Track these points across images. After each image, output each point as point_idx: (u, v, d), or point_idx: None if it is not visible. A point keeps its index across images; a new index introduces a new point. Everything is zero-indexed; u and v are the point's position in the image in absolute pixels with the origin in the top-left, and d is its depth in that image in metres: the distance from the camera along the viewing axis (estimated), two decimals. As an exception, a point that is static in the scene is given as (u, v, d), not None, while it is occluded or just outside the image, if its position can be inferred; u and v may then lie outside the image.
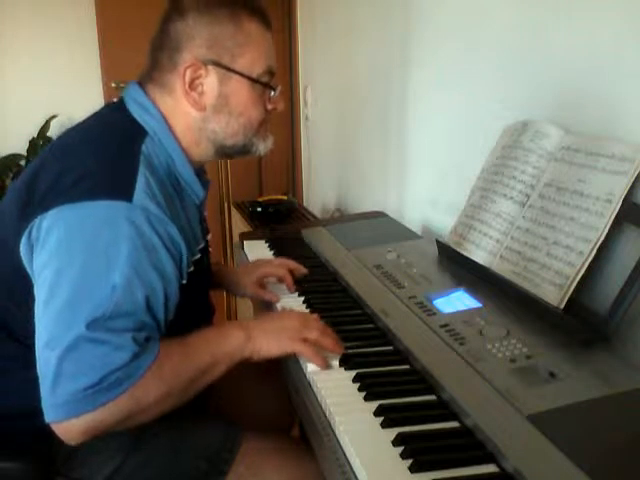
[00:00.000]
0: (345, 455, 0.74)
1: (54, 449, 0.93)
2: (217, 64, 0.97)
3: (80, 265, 0.83)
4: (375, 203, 1.99)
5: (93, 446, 0.94)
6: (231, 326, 0.99)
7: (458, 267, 1.18)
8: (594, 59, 1.05)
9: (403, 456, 0.70)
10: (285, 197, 2.29)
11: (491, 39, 1.34)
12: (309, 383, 0.91)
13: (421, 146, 1.71)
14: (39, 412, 0.84)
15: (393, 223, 1.66)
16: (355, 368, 0.91)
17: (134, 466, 0.95)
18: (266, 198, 2.29)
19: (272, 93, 1.04)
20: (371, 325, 1.07)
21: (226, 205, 2.52)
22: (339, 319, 1.07)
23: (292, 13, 2.80)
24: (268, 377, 1.32)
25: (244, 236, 1.66)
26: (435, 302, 1.05)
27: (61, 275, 0.84)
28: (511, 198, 1.10)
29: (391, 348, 0.98)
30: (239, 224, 2.37)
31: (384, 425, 0.77)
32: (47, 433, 0.86)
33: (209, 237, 1.21)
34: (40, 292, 0.86)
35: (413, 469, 0.68)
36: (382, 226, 1.64)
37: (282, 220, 2.16)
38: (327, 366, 0.93)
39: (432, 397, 0.84)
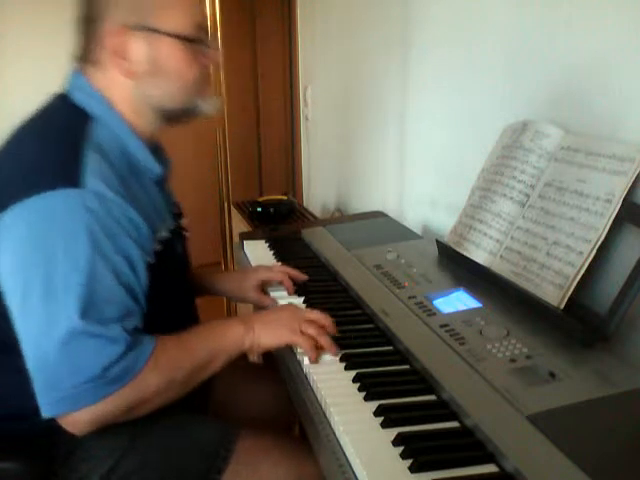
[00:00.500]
0: (345, 455, 0.74)
1: (51, 449, 0.93)
2: (142, 28, 0.94)
3: (44, 261, 0.83)
4: (375, 203, 1.99)
5: (89, 446, 0.94)
6: (230, 320, 1.01)
7: (458, 267, 1.18)
8: (594, 59, 1.05)
9: (403, 456, 0.70)
10: (285, 197, 2.29)
11: (491, 39, 1.34)
12: (309, 383, 0.91)
13: (421, 146, 1.71)
14: (33, 413, 0.84)
15: (393, 223, 1.66)
16: (355, 368, 0.91)
17: (131, 465, 0.95)
18: (266, 198, 2.28)
19: (204, 48, 1.00)
20: (371, 325, 1.07)
21: (226, 205, 2.52)
22: (339, 319, 1.07)
23: (292, 13, 2.80)
24: (267, 376, 1.32)
25: (244, 236, 1.66)
26: (435, 302, 1.05)
27: (29, 274, 0.83)
28: (511, 198, 1.10)
29: (391, 348, 0.99)
30: (239, 224, 2.37)
31: (384, 425, 0.77)
32: (43, 433, 0.86)
33: (183, 222, 1.19)
34: (14, 295, 0.85)
35: (413, 469, 0.68)
36: (382, 226, 1.64)
37: (282, 220, 2.15)
38: (318, 359, 0.95)
39: (432, 397, 0.84)
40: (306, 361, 0.95)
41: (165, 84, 0.99)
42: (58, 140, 0.91)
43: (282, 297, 1.23)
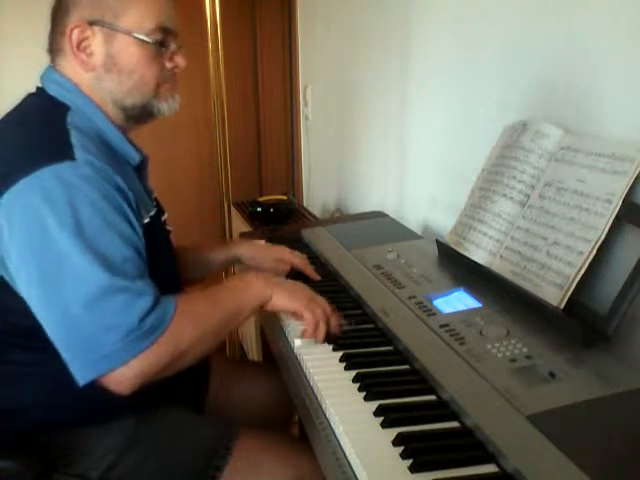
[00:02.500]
0: (345, 455, 0.74)
1: (49, 447, 0.93)
2: (101, 23, 0.98)
3: (56, 230, 0.84)
4: (375, 203, 1.99)
5: (88, 443, 0.94)
6: (251, 275, 1.04)
7: (458, 267, 1.18)
8: (594, 59, 1.05)
9: (403, 456, 0.70)
10: (285, 197, 2.29)
11: (491, 39, 1.34)
12: (309, 383, 0.91)
13: (421, 146, 1.71)
14: (33, 410, 0.84)
15: (393, 223, 1.66)
16: (355, 368, 0.91)
17: (130, 462, 0.96)
18: (266, 198, 2.28)
19: (164, 50, 1.02)
20: (371, 325, 1.07)
21: (226, 205, 2.52)
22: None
23: (292, 13, 2.80)
24: (264, 374, 1.32)
25: (244, 236, 1.66)
26: (435, 302, 1.05)
27: (44, 244, 0.84)
28: (511, 198, 1.10)
29: (391, 348, 0.99)
30: (239, 224, 2.37)
31: (384, 425, 0.77)
32: (41, 431, 0.86)
33: (165, 217, 1.21)
34: (29, 270, 0.86)
35: (413, 469, 0.68)
36: (382, 226, 1.64)
37: (282, 220, 2.15)
38: (316, 340, 0.99)
39: (432, 397, 0.84)
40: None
41: (119, 80, 1.01)
42: (41, 125, 0.94)
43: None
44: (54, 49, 1.02)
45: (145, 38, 0.99)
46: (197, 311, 0.93)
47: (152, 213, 1.05)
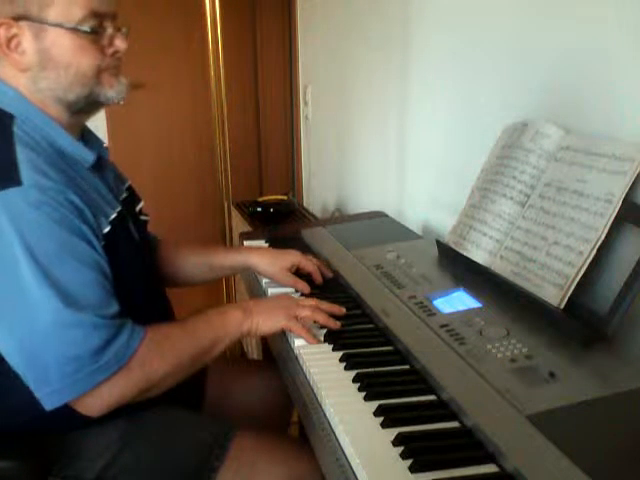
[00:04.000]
0: (345, 455, 0.74)
1: (44, 447, 0.93)
2: (27, 18, 0.91)
3: (5, 264, 0.83)
4: (375, 203, 1.99)
5: (83, 443, 0.94)
6: (229, 306, 1.04)
7: (458, 267, 1.18)
8: (594, 59, 1.04)
9: (403, 456, 0.70)
10: (285, 197, 2.29)
11: (491, 39, 1.34)
12: (309, 383, 0.91)
13: (421, 146, 1.71)
14: (26, 410, 0.84)
15: (393, 223, 1.66)
16: (355, 368, 0.91)
17: (125, 462, 0.96)
18: (266, 198, 2.28)
19: (100, 36, 0.97)
20: (371, 325, 1.07)
21: (226, 205, 2.52)
22: (339, 319, 1.07)
23: (292, 13, 2.80)
24: (262, 372, 1.32)
25: (244, 236, 1.66)
26: (435, 302, 1.05)
27: None
28: (511, 198, 1.10)
29: (391, 348, 0.99)
30: (239, 224, 2.37)
31: (384, 425, 0.77)
32: (36, 431, 0.86)
33: (141, 206, 1.19)
34: None
35: (413, 469, 0.68)
36: (382, 226, 1.64)
37: (282, 220, 2.15)
38: (317, 341, 1.00)
39: (432, 397, 0.84)
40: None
41: (56, 76, 0.96)
42: None
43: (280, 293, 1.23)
44: None
45: (77, 27, 0.93)
46: (170, 342, 0.93)
47: (112, 217, 1.00)
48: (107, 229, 0.96)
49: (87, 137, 1.09)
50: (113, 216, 1.00)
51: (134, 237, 1.09)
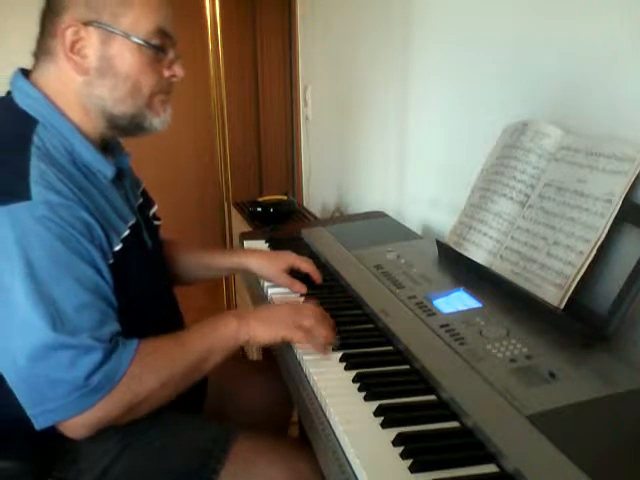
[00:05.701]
0: (345, 455, 0.74)
1: (44, 450, 0.93)
2: (97, 24, 0.92)
3: (7, 276, 0.82)
4: (375, 203, 1.99)
5: (83, 446, 0.94)
6: (224, 315, 1.00)
7: (458, 267, 1.18)
8: (594, 59, 1.05)
9: (403, 456, 0.70)
10: (285, 197, 2.29)
11: (491, 39, 1.34)
12: (309, 383, 0.91)
13: (421, 146, 1.71)
14: (26, 418, 0.84)
15: (393, 223, 1.66)
16: (355, 368, 0.91)
17: (124, 465, 0.95)
18: (266, 198, 2.28)
19: (162, 56, 0.97)
20: (371, 325, 1.07)
21: (226, 205, 2.52)
22: (339, 319, 1.07)
23: (292, 13, 2.80)
24: (263, 374, 1.32)
25: (244, 236, 1.66)
26: (435, 302, 1.05)
27: None
28: (511, 198, 1.10)
29: (391, 348, 0.98)
30: (239, 224, 2.37)
31: (384, 425, 0.77)
32: (36, 435, 0.86)
33: (154, 210, 1.18)
34: None
35: (413, 469, 0.68)
36: (382, 226, 1.64)
37: (282, 220, 2.15)
38: (324, 352, 0.96)
39: (432, 397, 0.84)
40: (305, 355, 0.96)
41: (113, 85, 0.96)
42: (4, 153, 0.88)
43: (279, 293, 1.23)
44: (41, 52, 0.97)
45: (145, 41, 0.94)
46: (162, 356, 0.91)
47: (125, 234, 0.98)
48: (118, 247, 0.95)
49: (112, 144, 1.07)
50: (126, 233, 0.99)
51: (147, 245, 1.09)
